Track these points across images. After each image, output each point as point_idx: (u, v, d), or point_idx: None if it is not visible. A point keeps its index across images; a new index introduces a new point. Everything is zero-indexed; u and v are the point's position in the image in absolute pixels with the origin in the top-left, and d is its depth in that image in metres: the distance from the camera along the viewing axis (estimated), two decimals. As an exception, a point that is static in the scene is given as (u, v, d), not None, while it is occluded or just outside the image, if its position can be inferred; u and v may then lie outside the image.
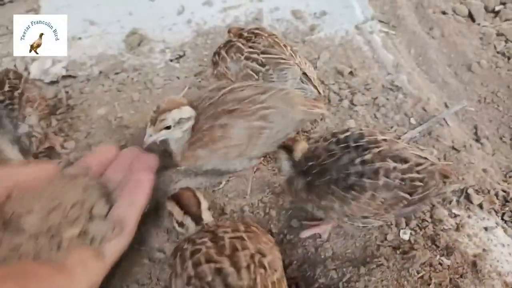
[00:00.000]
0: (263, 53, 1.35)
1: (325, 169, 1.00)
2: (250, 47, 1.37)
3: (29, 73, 1.65)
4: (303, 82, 1.37)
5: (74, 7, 1.89)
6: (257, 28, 1.46)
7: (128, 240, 1.03)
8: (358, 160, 0.98)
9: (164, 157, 1.25)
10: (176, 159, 1.16)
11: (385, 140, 1.02)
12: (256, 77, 1.34)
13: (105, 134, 1.47)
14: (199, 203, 0.99)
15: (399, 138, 1.10)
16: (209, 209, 1.00)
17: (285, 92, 1.19)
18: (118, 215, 1.03)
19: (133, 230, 1.04)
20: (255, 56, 1.35)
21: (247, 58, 1.35)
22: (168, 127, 1.07)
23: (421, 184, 0.99)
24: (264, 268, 0.84)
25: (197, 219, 0.97)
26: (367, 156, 0.98)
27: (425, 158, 1.03)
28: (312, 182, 1.01)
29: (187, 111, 1.10)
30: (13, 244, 0.92)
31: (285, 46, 1.40)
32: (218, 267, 0.81)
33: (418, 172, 0.99)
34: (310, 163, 1.03)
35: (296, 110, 1.19)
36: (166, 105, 1.08)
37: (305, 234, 1.17)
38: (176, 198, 1.00)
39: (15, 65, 1.68)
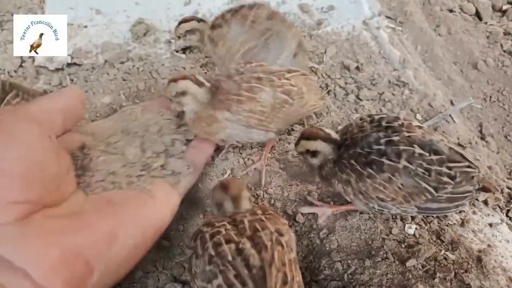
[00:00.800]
0: (267, 19, 1.43)
1: (353, 143, 1.01)
2: (255, 14, 1.43)
3: (33, 60, 1.65)
4: (295, 56, 1.45)
5: (81, -5, 1.88)
6: (256, 3, 1.51)
7: (195, 180, 1.19)
8: (383, 140, 0.97)
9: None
10: (189, 124, 1.20)
11: (420, 127, 1.01)
12: (258, 39, 1.41)
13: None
14: (240, 189, 1.00)
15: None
16: (250, 200, 1.01)
17: (306, 77, 1.29)
18: (190, 157, 1.18)
19: (199, 173, 1.20)
20: (260, 21, 1.42)
21: (252, 22, 1.42)
22: None
23: (450, 181, 0.96)
24: (282, 245, 0.85)
25: (235, 201, 0.97)
26: (395, 138, 0.96)
27: (465, 158, 0.99)
28: (341, 155, 1.03)
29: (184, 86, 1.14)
30: (110, 170, 1.04)
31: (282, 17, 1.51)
32: (240, 247, 0.82)
33: (449, 168, 0.96)
34: (344, 137, 1.05)
35: (311, 96, 1.27)
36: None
37: (304, 210, 1.19)
38: (221, 183, 1.03)
39: (20, 51, 1.67)
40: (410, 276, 1.05)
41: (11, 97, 1.26)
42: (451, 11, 1.88)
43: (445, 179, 0.96)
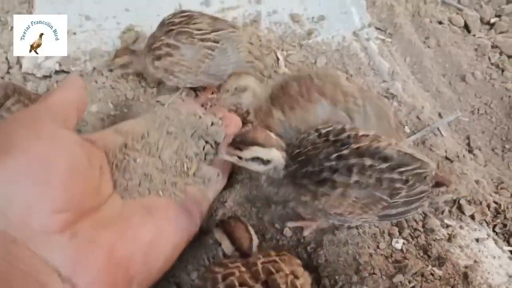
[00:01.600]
0: (213, 31, 1.39)
1: (307, 161, 0.98)
2: (197, 29, 1.38)
3: (21, 66, 1.62)
4: (251, 52, 1.44)
5: (70, 1, 1.85)
6: (182, 12, 1.46)
7: (222, 187, 1.20)
8: (334, 156, 0.95)
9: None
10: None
11: (366, 136, 0.99)
12: (214, 54, 1.37)
13: (97, 131, 1.44)
14: (251, 239, 0.97)
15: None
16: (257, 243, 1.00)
17: (379, 102, 1.20)
18: (218, 164, 1.17)
19: (225, 181, 1.21)
20: (207, 36, 1.38)
21: (201, 40, 1.37)
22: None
23: (403, 186, 0.95)
24: None
25: (246, 255, 0.94)
26: (344, 152, 0.95)
27: (416, 158, 0.98)
28: (295, 172, 0.99)
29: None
30: (146, 173, 1.03)
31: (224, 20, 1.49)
32: None
33: (400, 173, 0.95)
34: (297, 151, 1.00)
35: (382, 122, 1.18)
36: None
37: (290, 224, 1.19)
38: (227, 229, 0.98)
39: (6, 58, 1.64)
40: (397, 292, 1.05)
41: (12, 103, 1.24)
42: (440, 23, 1.89)
43: (398, 185, 0.95)
